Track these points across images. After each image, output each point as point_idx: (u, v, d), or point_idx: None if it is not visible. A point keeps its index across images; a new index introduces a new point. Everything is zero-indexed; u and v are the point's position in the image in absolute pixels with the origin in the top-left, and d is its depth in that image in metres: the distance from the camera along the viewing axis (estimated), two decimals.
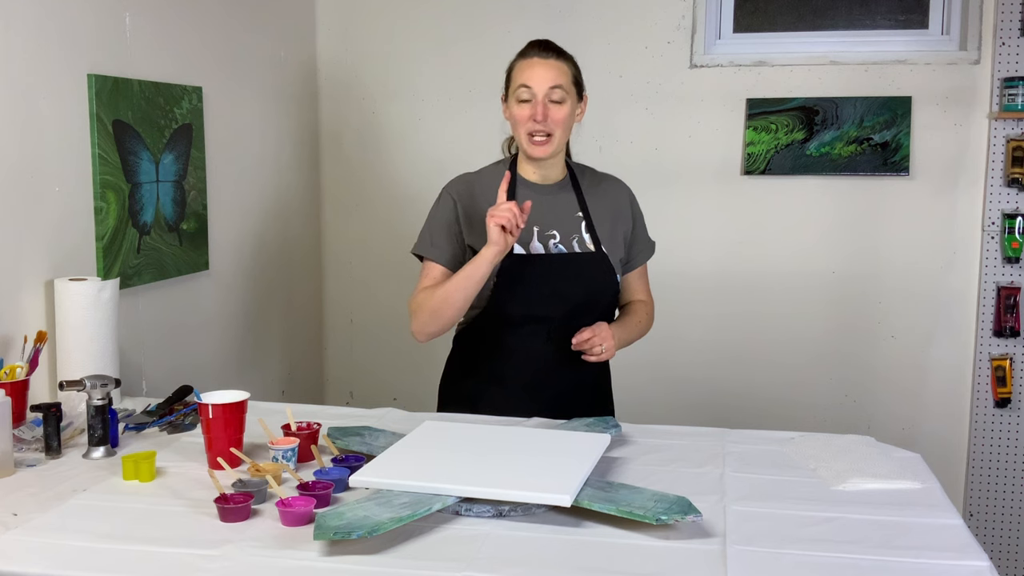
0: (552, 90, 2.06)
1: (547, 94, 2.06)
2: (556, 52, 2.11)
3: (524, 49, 2.13)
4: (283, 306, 3.44)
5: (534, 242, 2.13)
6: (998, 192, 3.22)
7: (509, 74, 2.14)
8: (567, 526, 1.50)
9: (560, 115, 2.07)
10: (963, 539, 1.48)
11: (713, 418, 3.08)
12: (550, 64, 2.08)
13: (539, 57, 2.08)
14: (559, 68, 2.08)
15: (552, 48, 2.11)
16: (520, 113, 2.08)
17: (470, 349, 2.24)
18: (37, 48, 2.16)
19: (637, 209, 2.26)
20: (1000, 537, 3.31)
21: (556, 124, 2.07)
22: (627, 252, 2.22)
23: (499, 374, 2.18)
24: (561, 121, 2.08)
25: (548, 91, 2.06)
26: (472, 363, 2.24)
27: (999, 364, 3.25)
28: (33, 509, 1.56)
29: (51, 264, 2.21)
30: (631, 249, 2.23)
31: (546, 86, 2.06)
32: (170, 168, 2.65)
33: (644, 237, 2.28)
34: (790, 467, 1.79)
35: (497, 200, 2.00)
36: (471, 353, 2.24)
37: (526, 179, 2.18)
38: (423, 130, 3.62)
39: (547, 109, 2.06)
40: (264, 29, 3.23)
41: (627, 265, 2.24)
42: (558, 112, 2.07)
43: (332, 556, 1.39)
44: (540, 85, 2.06)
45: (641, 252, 2.27)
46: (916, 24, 3.36)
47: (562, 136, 2.10)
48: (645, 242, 2.28)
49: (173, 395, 2.12)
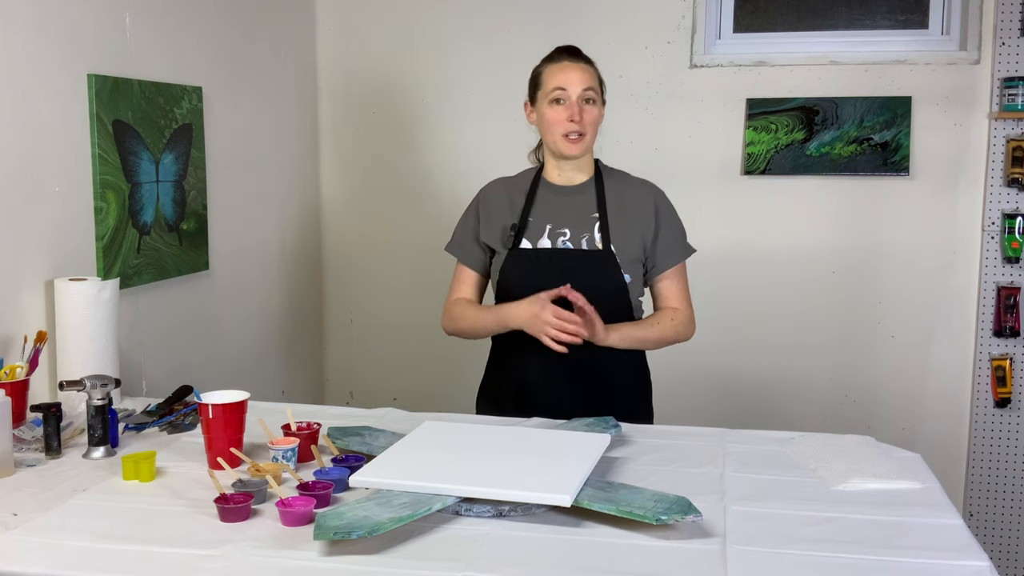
0: (586, 91, 2.15)
1: (581, 95, 2.14)
2: (584, 57, 2.20)
3: (552, 54, 2.22)
4: (283, 306, 3.44)
5: (543, 239, 2.18)
6: (998, 192, 3.22)
7: (536, 79, 2.21)
8: (567, 526, 1.50)
9: (592, 116, 2.17)
10: (963, 539, 1.48)
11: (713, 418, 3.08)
12: (581, 68, 2.17)
13: (570, 61, 2.18)
14: (590, 72, 2.18)
15: (580, 54, 2.21)
16: (554, 115, 2.16)
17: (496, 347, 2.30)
18: (37, 48, 2.16)
19: (666, 212, 2.23)
20: (1000, 537, 3.31)
21: (589, 124, 2.17)
22: (649, 254, 2.20)
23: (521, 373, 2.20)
24: (593, 121, 2.18)
25: (582, 92, 2.14)
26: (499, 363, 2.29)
27: (999, 364, 3.25)
28: (33, 509, 1.56)
29: (51, 264, 2.21)
30: (654, 251, 2.20)
31: (580, 88, 2.15)
32: (170, 168, 2.65)
33: (672, 241, 2.22)
34: (790, 467, 1.79)
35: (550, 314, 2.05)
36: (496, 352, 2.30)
37: (550, 182, 2.24)
38: (423, 130, 3.62)
39: (582, 109, 2.14)
40: (264, 29, 3.23)
41: (652, 269, 2.21)
42: (590, 113, 2.16)
43: (332, 556, 1.39)
44: (575, 87, 2.14)
45: (667, 256, 2.21)
46: (916, 24, 3.36)
47: (592, 136, 2.19)
48: (672, 246, 2.22)
49: (173, 395, 2.12)
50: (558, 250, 2.17)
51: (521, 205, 2.22)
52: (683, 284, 2.25)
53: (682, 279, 2.25)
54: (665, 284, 2.23)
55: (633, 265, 2.18)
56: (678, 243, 2.24)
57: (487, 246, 2.24)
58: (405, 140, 3.64)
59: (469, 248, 2.28)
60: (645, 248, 2.19)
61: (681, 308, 2.23)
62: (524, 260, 2.17)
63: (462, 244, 2.29)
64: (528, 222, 2.20)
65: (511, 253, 2.18)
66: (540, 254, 2.17)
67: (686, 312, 2.23)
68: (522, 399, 2.17)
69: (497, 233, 2.22)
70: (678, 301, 2.24)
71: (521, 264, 2.17)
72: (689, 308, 2.24)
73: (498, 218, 2.23)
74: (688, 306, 2.24)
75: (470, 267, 2.28)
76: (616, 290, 2.17)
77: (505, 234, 2.20)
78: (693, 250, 2.26)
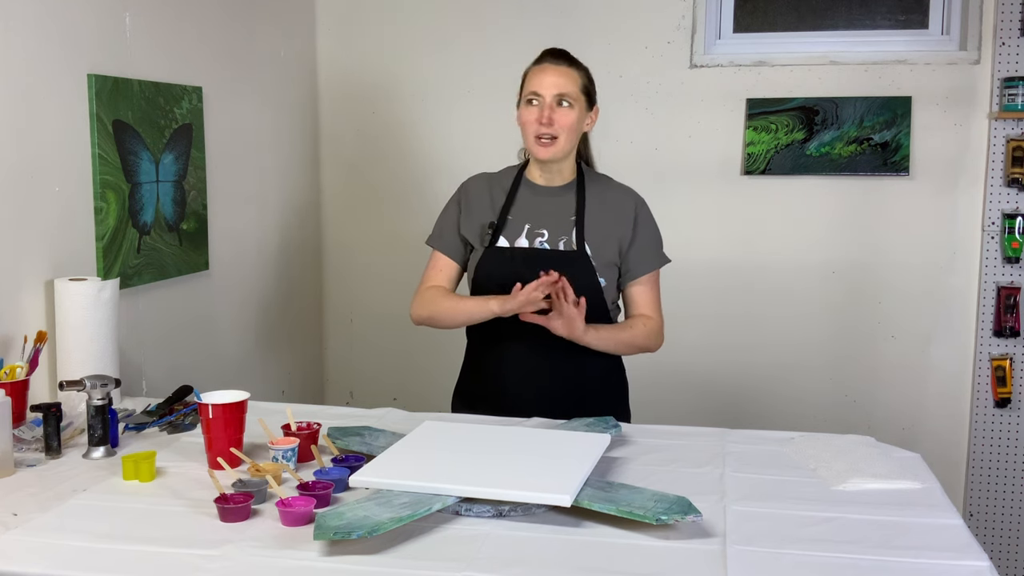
0: (559, 95, 2.12)
1: (554, 98, 2.12)
2: (568, 60, 2.17)
3: (538, 56, 2.20)
4: (283, 306, 3.44)
5: (521, 238, 2.18)
6: (998, 192, 3.22)
7: (522, 80, 2.21)
8: (567, 526, 1.50)
9: (566, 120, 2.12)
10: (963, 539, 1.48)
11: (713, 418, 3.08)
12: (560, 71, 2.14)
13: (551, 64, 2.16)
14: (569, 75, 2.14)
15: (564, 56, 2.18)
16: (528, 116, 2.14)
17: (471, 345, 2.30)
18: (37, 48, 2.16)
19: (644, 220, 2.21)
20: (1000, 537, 3.31)
21: (561, 127, 2.12)
22: (623, 260, 2.19)
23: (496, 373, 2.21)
24: (567, 125, 2.12)
25: (555, 96, 2.12)
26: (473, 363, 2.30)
27: (999, 364, 3.25)
28: (33, 509, 1.56)
29: (51, 264, 2.21)
30: (628, 258, 2.19)
31: (554, 91, 2.12)
32: (170, 168, 2.65)
33: (647, 248, 2.21)
34: (790, 467, 1.79)
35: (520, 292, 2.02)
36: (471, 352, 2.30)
37: (531, 181, 2.23)
38: (423, 130, 3.62)
39: (552, 112, 2.11)
40: (264, 29, 3.23)
41: (626, 274, 2.20)
42: (564, 117, 2.12)
43: (332, 556, 1.39)
44: (548, 90, 2.12)
45: (640, 263, 2.19)
46: (916, 24, 3.36)
47: (567, 140, 2.14)
48: (647, 253, 2.20)
49: (173, 395, 2.12)
50: (534, 250, 2.16)
51: (502, 202, 2.21)
52: (655, 293, 2.23)
53: (655, 288, 2.23)
54: (637, 290, 2.21)
55: (608, 269, 2.17)
56: (653, 251, 2.22)
57: (465, 240, 2.24)
58: (405, 140, 3.64)
59: (448, 238, 2.26)
60: (621, 253, 2.18)
61: (653, 316, 2.21)
62: (500, 258, 2.17)
63: (441, 234, 2.27)
64: (507, 220, 2.19)
65: (487, 251, 2.18)
66: (516, 253, 2.17)
67: (657, 320, 2.21)
68: (495, 400, 2.16)
69: (476, 228, 2.22)
70: (650, 309, 2.21)
71: (497, 262, 2.17)
72: (660, 317, 2.22)
73: (478, 213, 2.23)
74: (659, 315, 2.22)
75: (448, 256, 2.25)
76: (591, 292, 2.12)
77: (484, 231, 2.20)
78: (668, 260, 2.24)
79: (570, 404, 2.12)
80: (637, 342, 2.18)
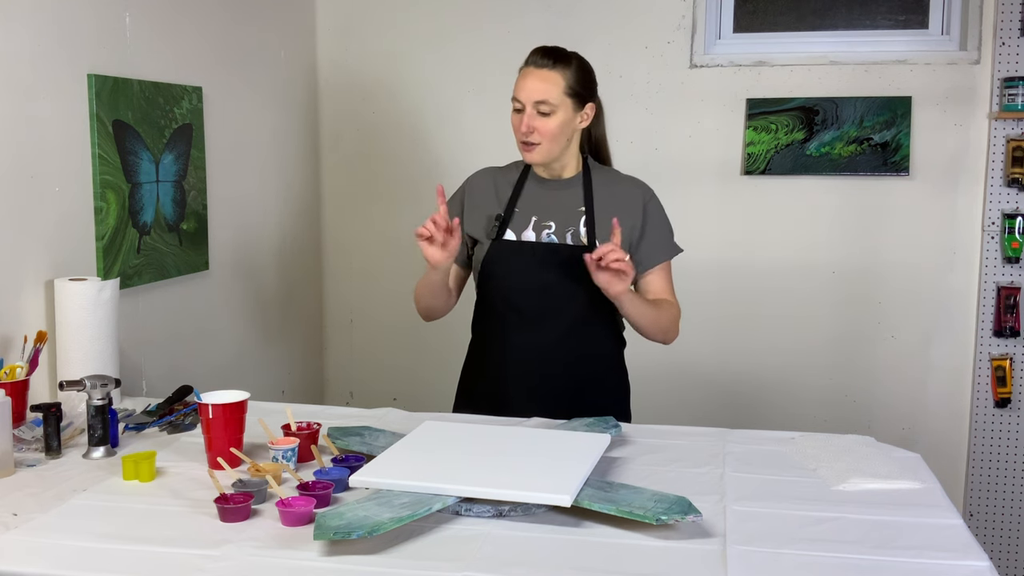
0: (538, 104, 2.09)
1: (533, 106, 2.09)
2: (553, 61, 2.11)
3: (528, 56, 2.15)
4: (283, 306, 3.44)
5: (527, 231, 2.17)
6: (998, 192, 3.22)
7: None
8: (567, 526, 1.50)
9: (546, 127, 2.10)
10: (963, 539, 1.48)
11: (713, 418, 3.08)
12: (542, 75, 2.10)
13: (534, 67, 2.11)
14: (550, 79, 2.09)
15: (550, 56, 2.12)
16: (514, 121, 2.15)
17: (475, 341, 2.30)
18: (37, 48, 2.16)
19: (653, 210, 2.20)
20: (1000, 537, 3.31)
21: (541, 135, 2.10)
22: (634, 251, 2.18)
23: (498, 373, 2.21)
24: (548, 132, 2.10)
25: (534, 103, 2.09)
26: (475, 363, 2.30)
27: (999, 364, 3.25)
28: (33, 509, 1.56)
29: (51, 264, 2.21)
30: (640, 249, 2.18)
31: (533, 99, 2.09)
32: (170, 168, 2.65)
33: (658, 238, 2.20)
34: (790, 467, 1.79)
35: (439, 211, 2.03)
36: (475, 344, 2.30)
37: (537, 174, 2.23)
38: (423, 130, 3.62)
39: (532, 120, 2.09)
40: (264, 29, 3.23)
41: (638, 266, 2.18)
42: (544, 124, 2.10)
43: (332, 556, 1.39)
44: (527, 98, 2.10)
45: (652, 253, 2.18)
46: (916, 24, 3.36)
47: (551, 144, 2.12)
48: (658, 243, 2.19)
49: (173, 395, 2.12)
50: (542, 243, 2.16)
51: (508, 195, 2.21)
52: (670, 283, 2.23)
53: (668, 278, 2.23)
54: (651, 279, 2.20)
55: None
56: (665, 241, 2.22)
57: (469, 237, 2.23)
58: (405, 140, 3.64)
59: None
60: (631, 245, 2.17)
61: (673, 302, 2.21)
62: (507, 251, 2.16)
63: None
64: (514, 213, 2.19)
65: (494, 244, 2.17)
66: (524, 246, 2.16)
67: (678, 308, 2.22)
68: (496, 399, 2.16)
69: (481, 223, 2.21)
70: (667, 294, 2.21)
71: (504, 255, 2.16)
72: (676, 301, 2.22)
73: (483, 207, 2.22)
74: (676, 300, 2.22)
75: None
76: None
77: (490, 224, 2.19)
78: (680, 250, 2.24)
79: (571, 404, 2.12)
80: (662, 322, 2.16)
